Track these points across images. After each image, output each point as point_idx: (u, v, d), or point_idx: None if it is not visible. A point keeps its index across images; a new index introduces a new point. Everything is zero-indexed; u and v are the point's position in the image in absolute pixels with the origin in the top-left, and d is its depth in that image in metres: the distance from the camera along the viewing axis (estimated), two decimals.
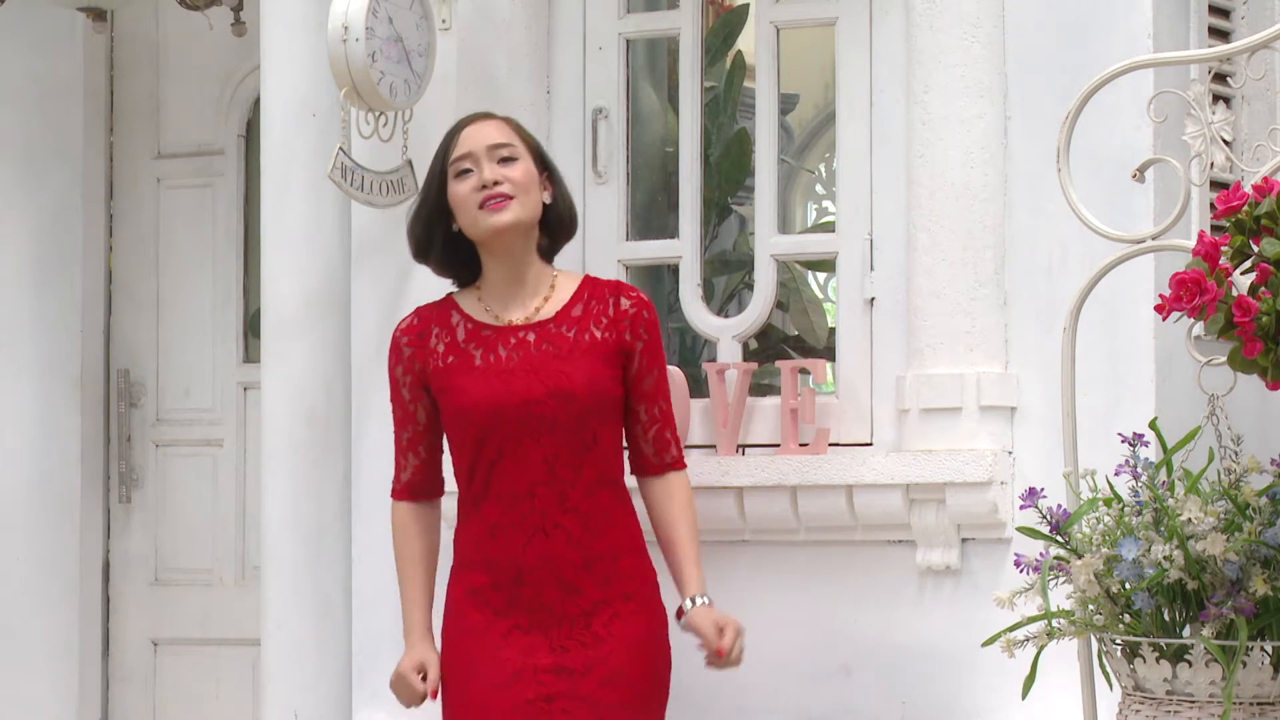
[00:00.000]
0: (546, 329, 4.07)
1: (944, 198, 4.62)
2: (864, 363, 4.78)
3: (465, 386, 4.04)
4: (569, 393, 4.01)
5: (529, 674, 3.97)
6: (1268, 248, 3.39)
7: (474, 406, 4.02)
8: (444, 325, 4.12)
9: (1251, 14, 4.71)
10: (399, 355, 4.15)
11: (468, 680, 4.03)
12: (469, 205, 4.05)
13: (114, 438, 6.19)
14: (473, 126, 4.14)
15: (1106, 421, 4.26)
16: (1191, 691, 3.57)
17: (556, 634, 4.00)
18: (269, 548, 5.14)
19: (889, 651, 4.71)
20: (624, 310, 4.10)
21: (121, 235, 6.21)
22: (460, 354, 4.07)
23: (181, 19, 5.99)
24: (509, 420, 4.01)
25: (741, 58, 5.58)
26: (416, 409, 4.14)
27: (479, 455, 4.05)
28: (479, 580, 4.05)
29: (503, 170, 4.06)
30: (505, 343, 4.07)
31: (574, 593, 4.01)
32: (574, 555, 4.01)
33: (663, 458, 4.18)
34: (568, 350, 4.04)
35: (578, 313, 4.09)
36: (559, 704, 3.97)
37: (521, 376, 4.02)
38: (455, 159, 4.09)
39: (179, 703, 6.13)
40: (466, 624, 4.07)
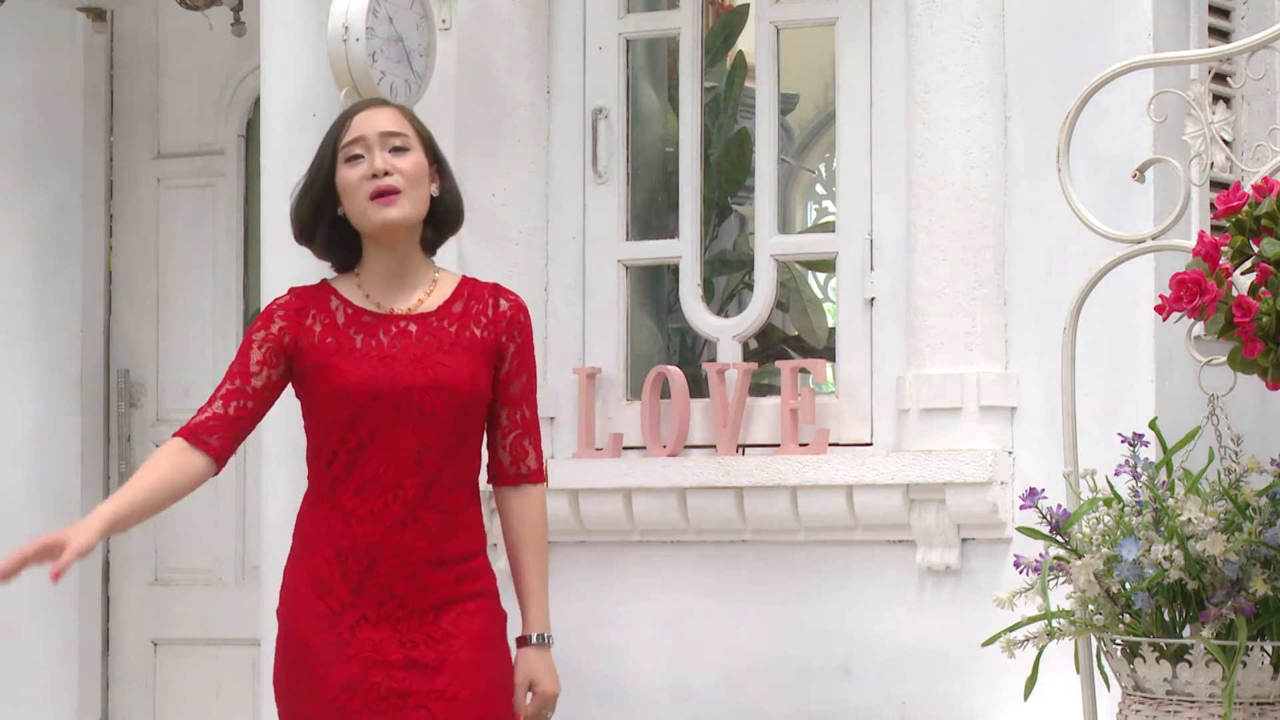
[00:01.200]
0: (428, 322, 4.02)
1: (944, 198, 4.62)
2: (864, 363, 4.78)
3: (344, 367, 3.96)
4: (451, 386, 3.96)
5: (379, 669, 3.90)
6: (1268, 248, 3.39)
7: (353, 387, 3.94)
8: (321, 308, 4.03)
9: (1251, 14, 4.71)
10: (268, 323, 4.02)
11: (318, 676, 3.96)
12: (358, 194, 3.98)
13: (114, 438, 6.19)
14: (367, 112, 4.03)
15: (1106, 421, 4.26)
16: (1191, 691, 3.57)
17: (405, 628, 3.93)
18: (269, 548, 5.13)
19: (889, 651, 4.71)
20: (502, 311, 4.05)
21: (121, 235, 6.21)
22: (340, 335, 3.99)
23: (181, 19, 5.99)
24: (386, 405, 3.94)
25: (742, 58, 5.58)
26: (260, 370, 4.01)
27: (346, 438, 3.96)
28: (326, 568, 3.95)
29: (394, 160, 3.99)
30: (386, 330, 4.01)
31: (426, 588, 3.93)
32: (429, 550, 3.93)
33: (518, 467, 4.05)
34: (449, 344, 4.00)
35: (458, 309, 4.04)
36: (414, 699, 3.90)
37: (404, 364, 3.97)
38: (346, 143, 4.00)
39: (179, 703, 6.13)
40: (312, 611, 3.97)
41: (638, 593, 5.01)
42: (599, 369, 5.06)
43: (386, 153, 3.97)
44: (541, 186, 5.14)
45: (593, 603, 5.02)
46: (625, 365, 5.10)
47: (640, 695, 4.97)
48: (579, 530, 5.03)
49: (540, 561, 4.07)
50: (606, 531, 5.01)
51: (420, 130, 4.06)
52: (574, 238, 5.12)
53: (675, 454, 4.88)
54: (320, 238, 4.06)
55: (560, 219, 5.14)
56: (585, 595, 5.02)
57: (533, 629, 4.03)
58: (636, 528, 4.97)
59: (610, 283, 5.10)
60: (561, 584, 5.01)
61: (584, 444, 5.03)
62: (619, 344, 5.10)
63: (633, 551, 5.03)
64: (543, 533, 4.09)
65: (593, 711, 4.95)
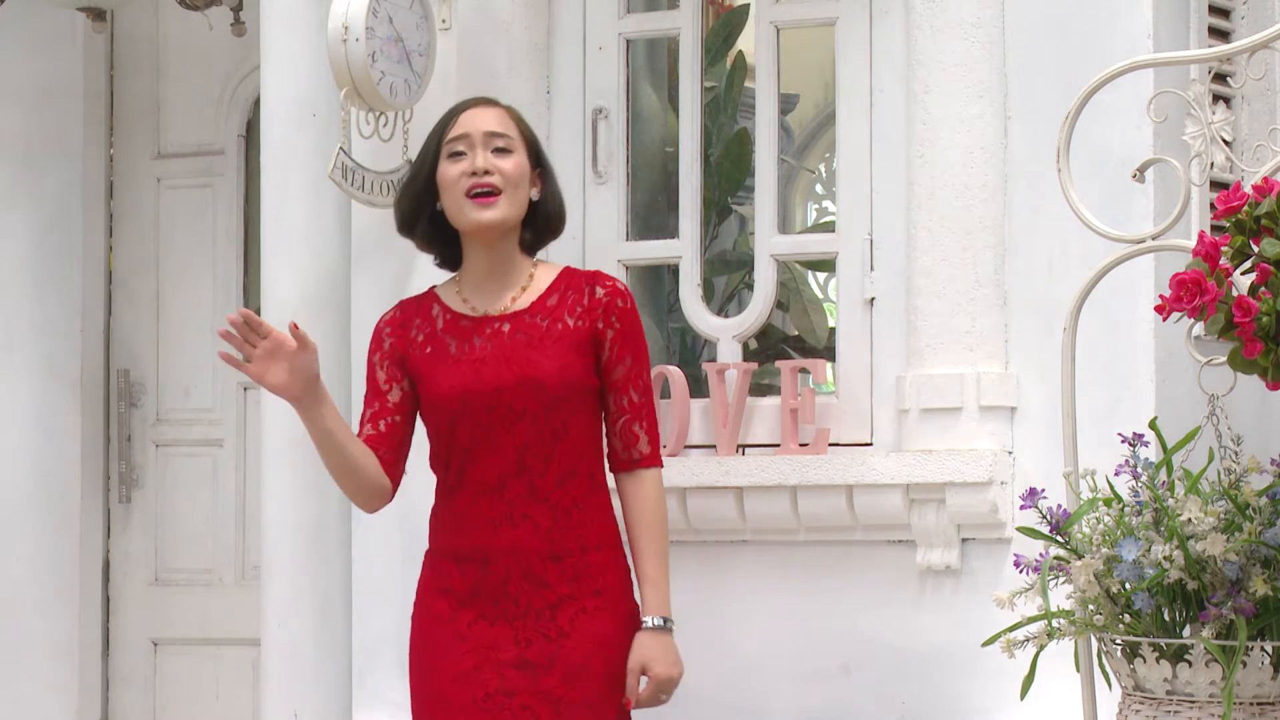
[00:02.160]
0: (521, 319, 4.04)
1: (944, 198, 4.62)
2: (864, 363, 4.78)
3: (438, 375, 4.01)
4: (538, 381, 3.97)
5: (491, 667, 3.93)
6: (1268, 248, 3.39)
7: (445, 394, 3.99)
8: (424, 317, 4.09)
9: (1251, 14, 4.71)
10: (379, 344, 4.11)
11: (431, 671, 4.00)
12: (456, 190, 4.01)
13: (114, 438, 6.18)
14: (474, 110, 4.08)
15: (1106, 421, 4.26)
16: (1191, 691, 3.57)
17: (521, 626, 3.96)
18: (269, 548, 5.14)
19: (889, 651, 4.71)
20: (598, 299, 4.06)
21: (121, 235, 6.21)
22: (437, 344, 4.04)
23: (181, 19, 5.98)
24: (478, 409, 3.97)
25: (742, 58, 5.58)
26: (391, 388, 4.08)
27: (453, 445, 4.01)
28: (446, 568, 4.01)
29: (496, 160, 4.01)
30: (481, 333, 4.04)
31: (541, 585, 3.97)
32: (542, 547, 3.96)
33: (630, 453, 4.06)
34: (539, 339, 4.01)
35: (553, 302, 4.05)
36: (519, 699, 3.92)
37: (492, 365, 3.99)
38: (451, 138, 4.03)
39: (179, 703, 6.13)
40: (432, 612, 4.03)
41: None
42: None
43: (489, 152, 4.01)
44: None
45: None
46: None
47: None
48: None
49: (658, 545, 4.07)
50: None
51: (526, 133, 4.09)
52: (574, 238, 5.11)
53: (675, 454, 4.88)
54: (420, 231, 4.10)
55: None
56: None
57: (649, 613, 4.02)
58: None
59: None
60: None
61: None
62: None
63: None
64: (661, 516, 4.08)
65: None
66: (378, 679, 4.97)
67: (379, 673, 4.96)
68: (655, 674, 3.99)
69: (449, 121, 4.07)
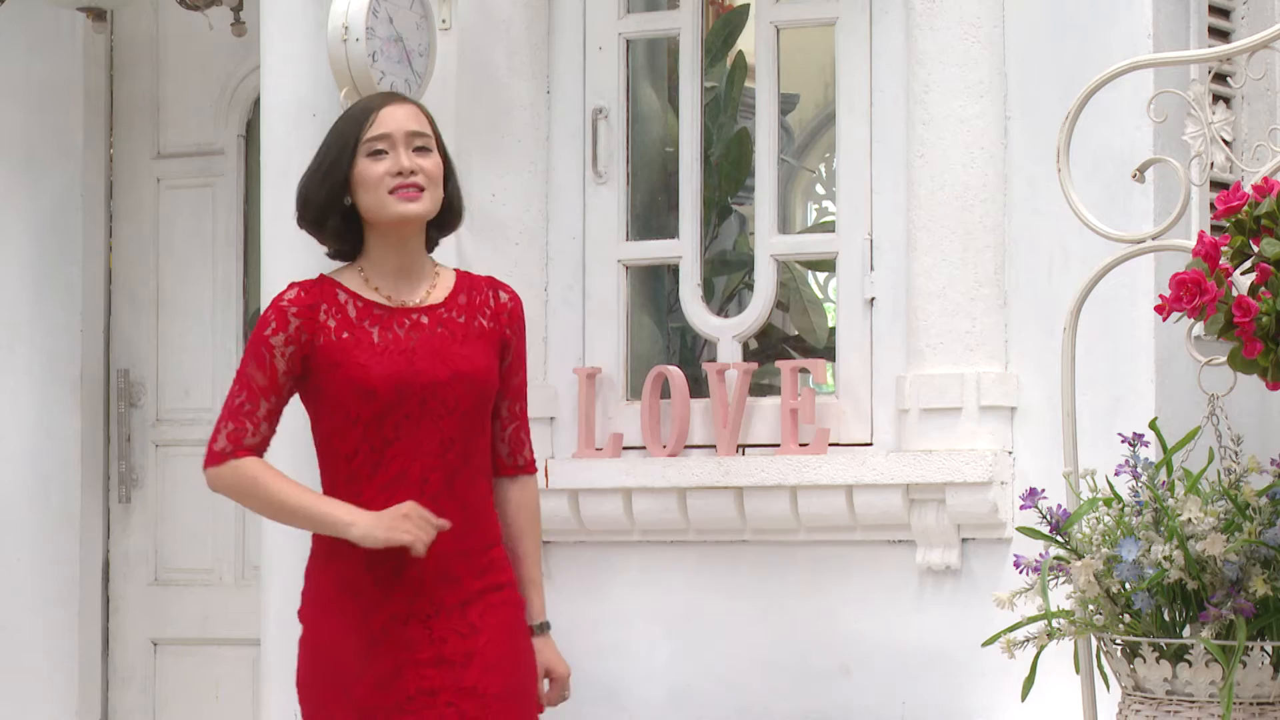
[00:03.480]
0: (438, 314, 4.02)
1: (944, 198, 4.62)
2: (864, 363, 4.78)
3: (366, 362, 3.95)
4: (472, 377, 3.97)
5: (409, 667, 3.91)
6: (1268, 248, 3.39)
7: (377, 383, 3.93)
8: (331, 301, 4.01)
9: (1251, 14, 4.71)
10: (284, 323, 3.98)
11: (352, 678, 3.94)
12: (379, 188, 3.98)
13: (114, 438, 6.19)
14: (392, 108, 4.03)
15: (1106, 421, 4.26)
16: (1191, 691, 3.57)
17: (434, 625, 3.93)
18: (269, 548, 5.13)
19: (889, 651, 4.71)
20: (503, 304, 4.08)
21: (121, 235, 6.21)
22: (355, 330, 3.98)
23: (181, 19, 5.99)
24: (412, 400, 3.94)
25: (742, 58, 5.58)
26: (287, 381, 4.00)
27: (369, 435, 3.95)
28: (353, 570, 3.94)
29: (419, 160, 4.01)
30: (400, 323, 4.00)
31: (454, 582, 3.95)
32: (454, 544, 3.93)
33: (515, 459, 4.09)
34: (462, 336, 4.01)
35: (463, 300, 4.05)
36: (443, 697, 3.90)
37: (425, 357, 3.96)
38: (371, 137, 4.00)
39: (179, 703, 6.13)
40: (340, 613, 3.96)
41: (637, 593, 5.01)
42: (599, 369, 5.06)
43: (411, 152, 3.99)
44: (541, 186, 5.14)
45: (592, 602, 5.02)
46: (625, 365, 5.10)
47: (640, 695, 4.97)
48: (579, 530, 5.03)
49: (538, 549, 4.15)
50: (606, 531, 5.01)
51: (436, 131, 4.09)
52: (574, 238, 5.12)
53: (675, 454, 4.88)
54: (331, 225, 4.06)
55: (560, 219, 5.14)
56: (585, 595, 5.02)
57: (537, 618, 4.10)
58: (636, 528, 4.97)
59: (610, 283, 5.10)
60: (561, 584, 5.02)
61: (584, 444, 5.03)
62: (619, 344, 5.10)
63: (632, 551, 5.03)
64: (539, 522, 4.15)
65: (593, 711, 4.95)
66: None
67: None
68: (558, 674, 4.11)
69: (366, 118, 4.02)
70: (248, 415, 4.00)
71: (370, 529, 3.88)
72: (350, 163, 4.00)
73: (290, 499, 3.96)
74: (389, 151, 3.98)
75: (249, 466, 3.99)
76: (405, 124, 4.00)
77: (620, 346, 5.10)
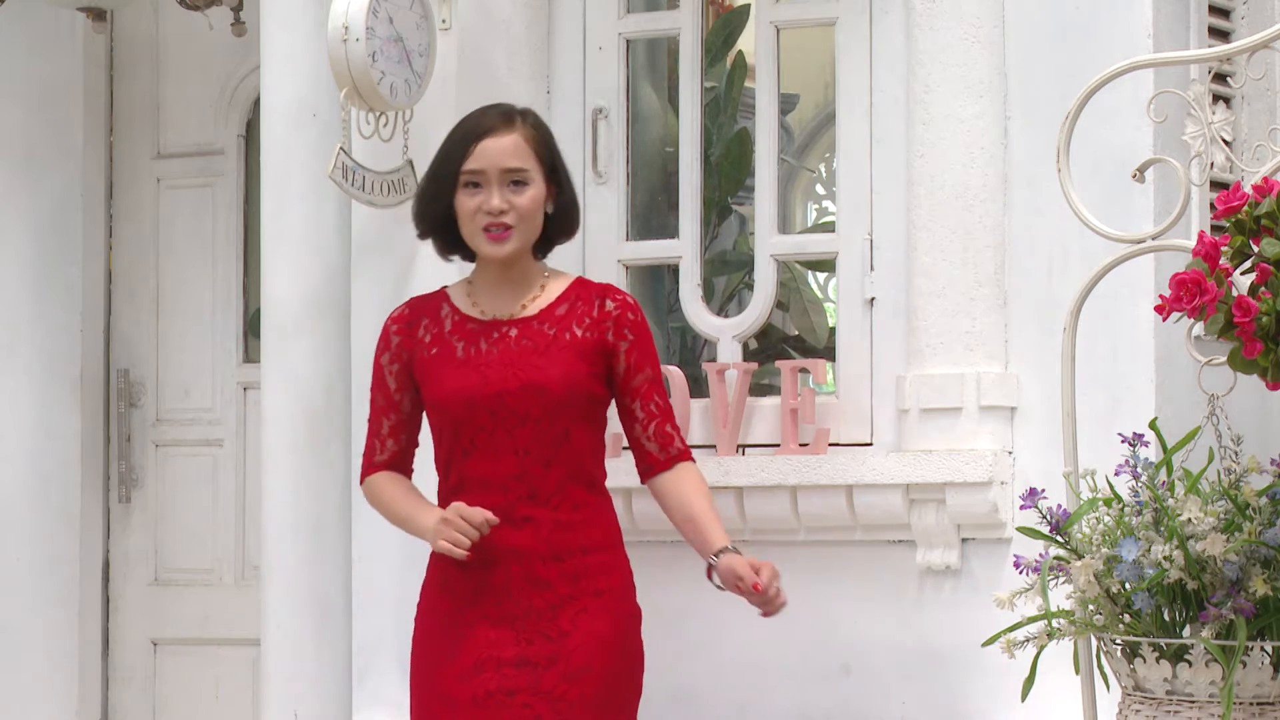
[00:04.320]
0: (529, 325, 4.07)
1: (944, 198, 4.62)
2: (864, 363, 4.78)
3: (443, 377, 4.05)
4: (542, 386, 4.01)
5: (492, 665, 3.96)
6: (1268, 248, 3.39)
7: (449, 397, 4.03)
8: (433, 317, 4.12)
9: (1251, 14, 4.71)
10: (388, 343, 4.15)
11: (434, 669, 4.03)
12: (473, 223, 4.06)
13: (114, 438, 6.18)
14: (492, 140, 4.05)
15: (1106, 421, 4.26)
16: (1191, 691, 3.57)
17: (523, 626, 3.98)
18: (269, 548, 5.14)
19: (889, 651, 4.71)
20: (608, 311, 4.10)
21: (121, 235, 6.21)
22: (444, 345, 4.08)
23: (181, 19, 5.98)
24: (481, 411, 4.00)
25: (742, 58, 5.58)
26: (402, 398, 4.14)
27: (454, 446, 4.05)
28: (449, 570, 4.03)
29: (511, 196, 4.05)
30: (488, 337, 4.07)
31: (542, 586, 3.99)
32: (543, 549, 3.99)
33: (668, 451, 4.11)
34: (545, 346, 4.04)
35: (562, 311, 4.09)
36: (520, 698, 3.94)
37: (497, 369, 4.03)
38: (468, 170, 4.07)
39: (179, 703, 6.12)
40: (437, 609, 4.07)
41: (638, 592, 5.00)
42: None
43: (505, 188, 4.03)
44: None
45: None
46: None
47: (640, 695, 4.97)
48: None
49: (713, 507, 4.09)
50: None
51: (542, 152, 4.10)
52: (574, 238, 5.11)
53: None
54: (439, 242, 4.17)
55: None
56: None
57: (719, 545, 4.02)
58: (636, 528, 4.97)
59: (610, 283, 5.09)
60: None
61: None
62: None
63: (633, 551, 5.01)
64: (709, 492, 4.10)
65: None
66: (377, 679, 4.96)
67: (379, 673, 4.96)
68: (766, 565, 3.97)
69: (467, 148, 4.06)
70: (375, 434, 4.18)
71: (430, 536, 4.01)
72: (451, 190, 4.07)
73: (396, 508, 4.13)
74: (483, 186, 4.03)
75: (373, 483, 4.18)
76: (500, 159, 4.04)
77: None
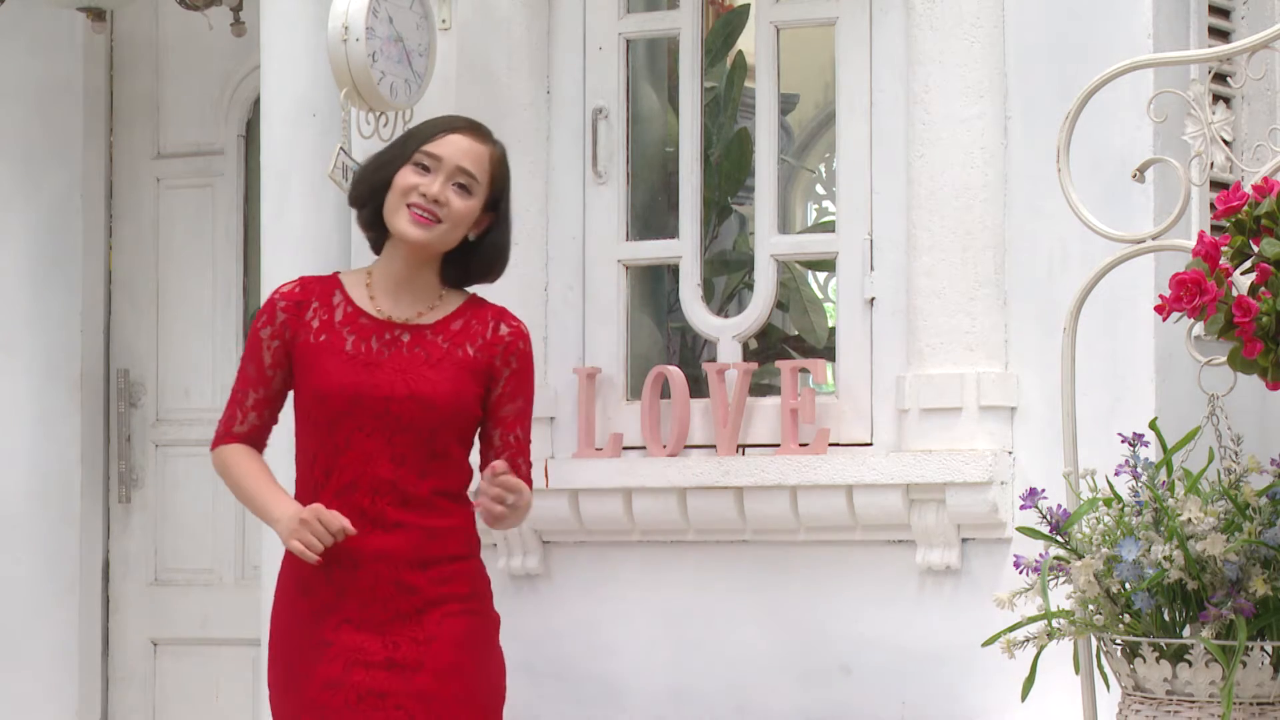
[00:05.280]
0: (423, 334, 4.05)
1: (944, 198, 4.62)
2: (864, 363, 4.78)
3: (329, 369, 4.01)
4: (430, 400, 3.99)
5: (360, 669, 3.93)
6: (1268, 248, 3.39)
7: (333, 391, 3.99)
8: (324, 302, 4.08)
9: (1251, 14, 4.71)
10: (272, 317, 4.08)
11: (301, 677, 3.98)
12: (401, 198, 4.03)
13: (114, 438, 6.19)
14: (459, 136, 4.08)
15: (1106, 421, 4.26)
16: (1191, 691, 3.57)
17: (389, 629, 3.95)
18: (269, 548, 5.13)
19: (889, 651, 4.71)
20: (500, 335, 4.09)
21: (121, 235, 6.21)
22: (332, 334, 4.04)
23: (181, 19, 5.99)
24: (364, 412, 3.97)
25: (742, 58, 5.58)
26: (275, 374, 4.09)
27: (324, 441, 4.01)
28: (310, 569, 3.97)
29: (452, 196, 4.04)
30: (380, 337, 4.04)
31: (409, 591, 3.97)
32: (411, 555, 3.96)
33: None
34: (438, 359, 4.03)
35: (457, 327, 4.07)
36: (393, 699, 3.92)
37: (387, 372, 4.00)
38: (425, 150, 4.05)
39: (179, 703, 6.13)
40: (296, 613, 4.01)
41: (637, 593, 5.01)
42: (599, 369, 5.06)
43: (450, 185, 4.01)
44: (541, 186, 5.14)
45: (592, 603, 5.01)
46: (625, 365, 5.10)
47: (640, 695, 4.97)
48: (579, 530, 5.03)
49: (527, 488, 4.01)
50: (606, 531, 5.01)
51: (495, 178, 4.10)
52: (574, 238, 5.12)
53: (675, 454, 4.88)
54: (367, 213, 4.11)
55: (560, 219, 5.14)
56: (585, 595, 5.02)
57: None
58: (636, 528, 4.97)
59: (610, 283, 5.10)
60: (560, 584, 5.02)
61: (584, 444, 5.02)
62: (619, 344, 5.09)
63: (632, 551, 5.02)
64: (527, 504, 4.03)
65: (593, 711, 4.95)
66: None
67: None
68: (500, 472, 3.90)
69: (434, 134, 4.07)
70: (238, 404, 4.12)
71: (282, 530, 3.96)
72: (400, 164, 4.03)
73: (246, 487, 4.08)
74: (431, 171, 4.01)
75: (226, 453, 4.12)
76: (461, 158, 4.05)
77: (620, 346, 5.10)
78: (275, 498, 4.02)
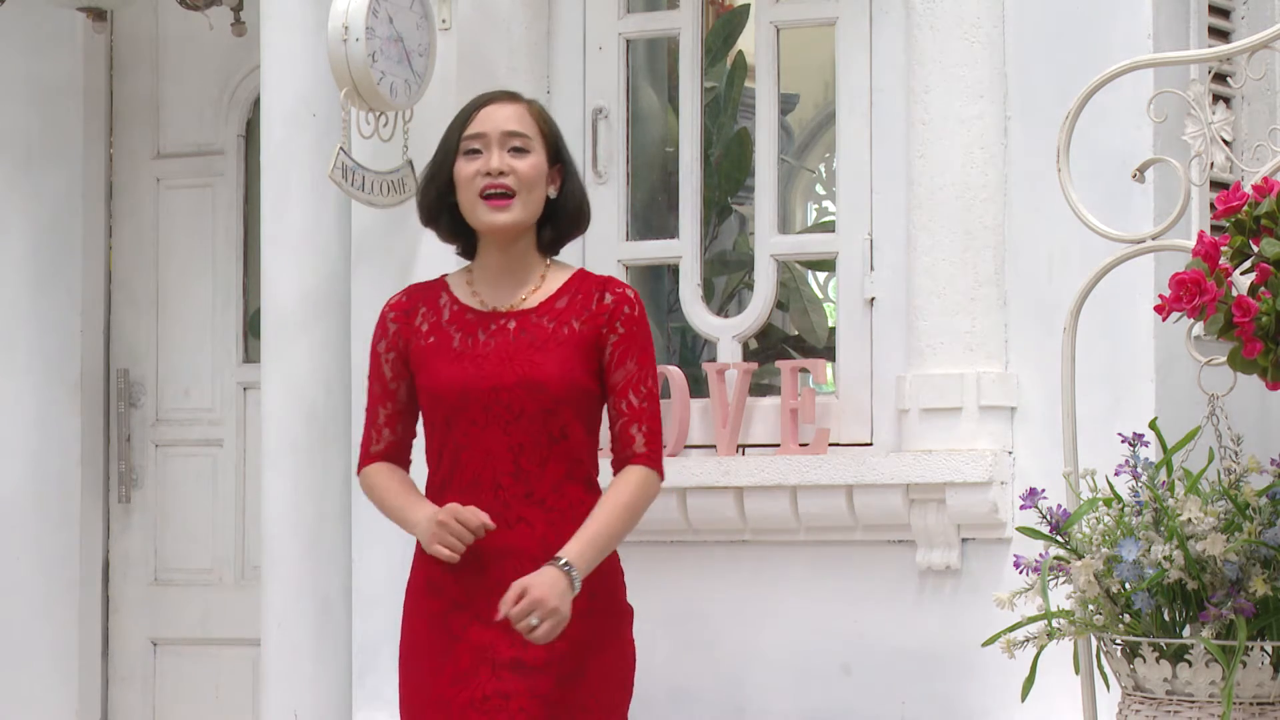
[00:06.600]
0: (528, 318, 4.01)
1: (944, 198, 4.62)
2: (864, 363, 4.78)
3: (439, 368, 3.98)
4: (538, 383, 3.94)
5: (487, 668, 3.90)
6: (1268, 248, 3.39)
7: (444, 389, 3.96)
8: (431, 305, 4.05)
9: (1251, 14, 4.71)
10: (385, 331, 4.08)
11: (426, 672, 3.97)
12: (470, 189, 3.98)
13: (114, 438, 6.19)
14: (493, 106, 4.04)
15: (1106, 421, 4.26)
16: (1191, 691, 3.57)
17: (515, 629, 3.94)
18: (269, 548, 5.14)
19: (889, 651, 4.71)
20: (605, 305, 4.01)
21: (121, 235, 6.21)
22: (441, 335, 4.01)
23: (181, 19, 5.99)
24: (475, 406, 3.94)
25: (742, 58, 5.58)
26: (399, 386, 4.07)
27: (445, 440, 3.98)
28: (438, 568, 3.95)
29: (511, 161, 3.98)
30: (485, 328, 4.01)
31: None
32: (537, 550, 3.91)
33: (623, 452, 3.99)
34: (543, 340, 3.98)
35: (562, 305, 4.02)
36: (516, 701, 3.88)
37: (494, 362, 3.96)
38: (468, 135, 4.01)
39: (179, 703, 6.13)
40: (426, 610, 3.99)
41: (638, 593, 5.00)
42: None
43: (505, 152, 3.98)
44: None
45: None
46: None
47: (640, 695, 4.96)
48: None
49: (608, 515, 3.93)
50: None
51: (546, 130, 4.05)
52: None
53: (675, 454, 4.88)
54: (444, 224, 4.08)
55: None
56: None
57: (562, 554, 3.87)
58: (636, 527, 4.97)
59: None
60: None
61: None
62: None
63: (633, 551, 5.01)
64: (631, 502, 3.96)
65: None
66: (377, 679, 4.97)
67: (378, 673, 4.96)
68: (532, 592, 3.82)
69: (468, 117, 4.04)
70: (371, 424, 4.12)
71: (422, 534, 3.95)
72: (453, 162, 4.01)
73: (387, 502, 4.06)
74: (483, 151, 3.99)
75: (367, 475, 4.11)
76: (502, 123, 4.00)
77: None
78: (412, 505, 4.00)
